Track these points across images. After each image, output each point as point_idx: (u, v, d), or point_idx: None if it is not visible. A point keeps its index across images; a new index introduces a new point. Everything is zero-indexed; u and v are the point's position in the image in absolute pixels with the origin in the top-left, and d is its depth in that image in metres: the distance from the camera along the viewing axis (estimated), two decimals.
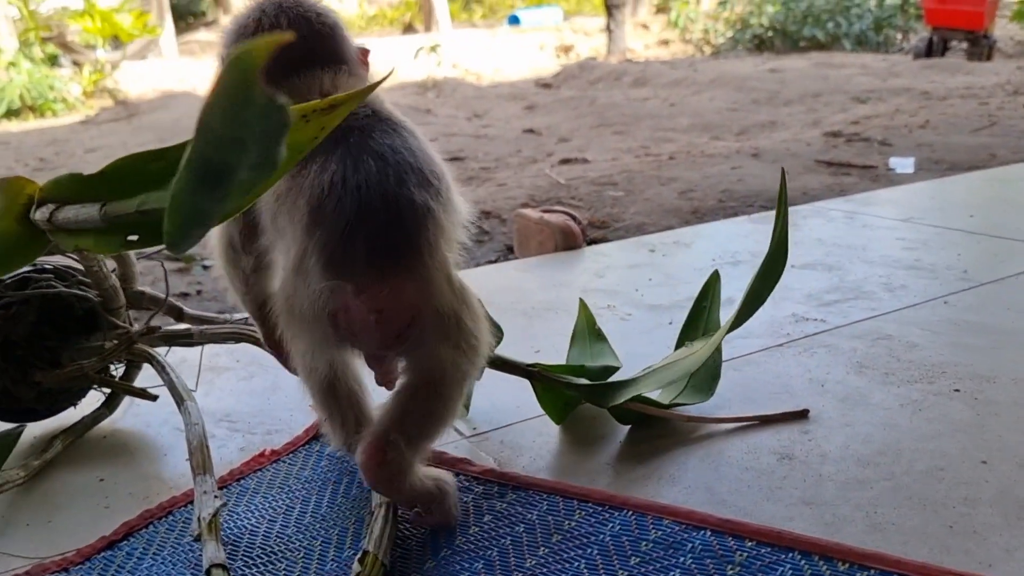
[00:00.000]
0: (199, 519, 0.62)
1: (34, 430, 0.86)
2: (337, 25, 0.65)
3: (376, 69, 0.67)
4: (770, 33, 7.76)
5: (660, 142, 3.23)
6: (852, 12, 7.50)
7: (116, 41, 6.38)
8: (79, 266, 0.83)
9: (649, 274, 1.31)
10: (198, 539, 0.62)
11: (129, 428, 0.87)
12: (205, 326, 0.83)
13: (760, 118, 3.69)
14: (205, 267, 1.77)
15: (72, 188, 0.57)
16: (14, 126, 4.97)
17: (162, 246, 0.72)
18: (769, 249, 0.73)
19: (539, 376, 0.78)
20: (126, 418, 0.89)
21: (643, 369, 0.79)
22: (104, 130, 4.52)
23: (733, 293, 0.89)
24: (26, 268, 0.80)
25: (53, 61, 5.84)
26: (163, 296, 0.84)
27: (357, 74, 0.64)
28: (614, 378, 0.80)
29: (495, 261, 1.71)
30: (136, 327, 0.82)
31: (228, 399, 0.92)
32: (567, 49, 8.07)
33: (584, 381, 0.78)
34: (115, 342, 0.81)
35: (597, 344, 0.86)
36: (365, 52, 0.67)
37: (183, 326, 0.85)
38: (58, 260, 0.84)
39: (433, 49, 6.23)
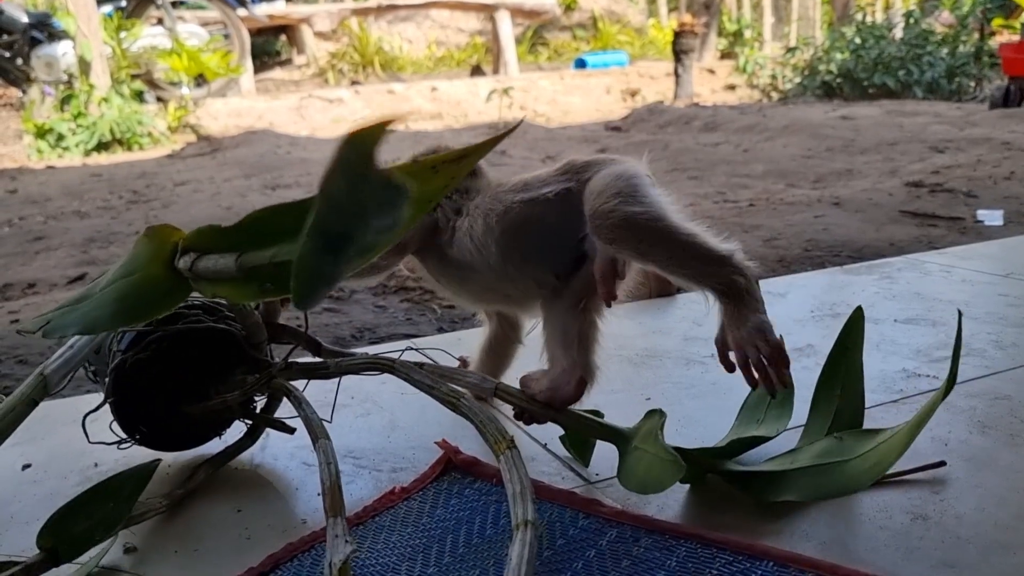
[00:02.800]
0: (330, 564, 0.61)
1: (175, 459, 0.90)
2: None
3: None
4: (839, 80, 7.70)
5: (736, 188, 3.23)
6: (924, 60, 7.42)
7: (201, 79, 6.63)
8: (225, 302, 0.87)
9: None
10: None
11: (259, 461, 0.91)
12: (340, 359, 0.86)
13: (836, 166, 3.66)
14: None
15: (211, 238, 0.60)
16: (104, 159, 5.18)
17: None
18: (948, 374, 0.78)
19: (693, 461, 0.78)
20: (255, 450, 0.92)
21: (789, 453, 0.79)
22: (190, 164, 4.68)
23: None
24: None
25: (137, 97, 6.08)
26: (303, 331, 0.87)
27: None
28: (765, 462, 0.79)
29: None
30: (277, 361, 0.86)
31: (349, 435, 0.95)
32: (633, 93, 8.11)
33: (737, 467, 0.78)
34: (257, 376, 0.84)
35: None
36: None
37: (319, 360, 0.88)
38: None
39: (506, 92, 6.34)
